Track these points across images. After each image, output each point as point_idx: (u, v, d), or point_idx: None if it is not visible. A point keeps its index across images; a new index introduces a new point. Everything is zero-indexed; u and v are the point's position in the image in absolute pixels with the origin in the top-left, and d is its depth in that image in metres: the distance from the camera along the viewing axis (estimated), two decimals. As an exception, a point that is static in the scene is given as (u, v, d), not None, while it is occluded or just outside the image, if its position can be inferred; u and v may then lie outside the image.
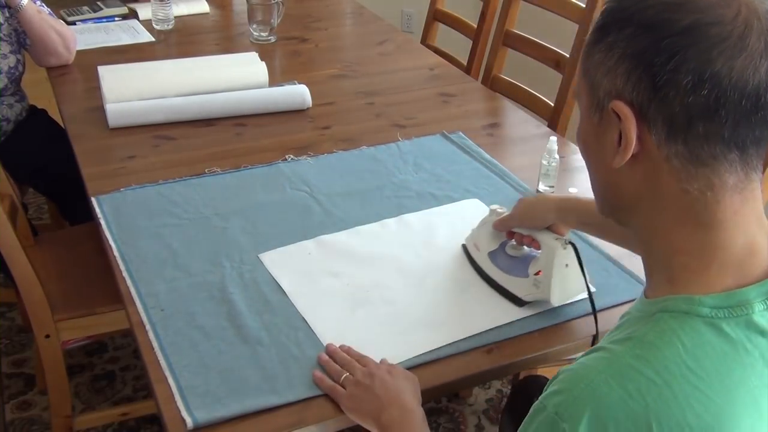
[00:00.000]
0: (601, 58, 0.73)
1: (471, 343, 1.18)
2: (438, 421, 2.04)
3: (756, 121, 0.69)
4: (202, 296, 1.26)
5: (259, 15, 2.30)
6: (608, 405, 0.68)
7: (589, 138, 0.78)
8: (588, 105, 0.76)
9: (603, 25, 0.73)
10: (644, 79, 0.69)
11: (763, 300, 0.71)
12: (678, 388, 0.67)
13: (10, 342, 2.26)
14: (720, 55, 0.66)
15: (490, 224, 1.31)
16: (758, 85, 0.67)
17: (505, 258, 1.30)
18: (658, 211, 0.74)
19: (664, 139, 0.70)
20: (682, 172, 0.71)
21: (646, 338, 0.71)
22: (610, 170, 0.75)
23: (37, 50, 2.07)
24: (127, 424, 1.98)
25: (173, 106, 1.83)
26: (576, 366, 0.73)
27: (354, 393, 1.06)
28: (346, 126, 1.85)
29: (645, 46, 0.69)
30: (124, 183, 1.56)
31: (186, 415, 1.04)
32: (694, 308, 0.70)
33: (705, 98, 0.67)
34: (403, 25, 3.91)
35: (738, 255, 0.72)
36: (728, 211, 0.71)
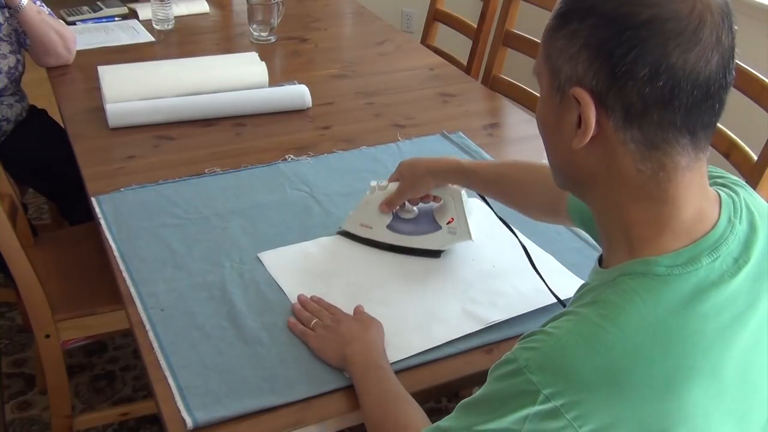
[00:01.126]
0: (563, 45, 0.76)
1: (471, 343, 1.18)
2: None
3: (705, 108, 0.74)
4: (202, 296, 1.26)
5: (259, 15, 2.30)
6: (575, 361, 0.73)
7: (549, 118, 0.82)
8: (549, 87, 0.80)
9: (565, 12, 0.76)
10: (604, 69, 0.73)
11: (708, 254, 0.76)
12: (640, 341, 0.72)
13: (10, 342, 2.26)
14: (675, 48, 0.71)
15: (375, 202, 1.35)
16: (709, 76, 0.72)
17: (404, 223, 1.36)
18: (614, 188, 0.79)
19: (621, 125, 0.74)
20: (637, 154, 0.76)
21: (609, 299, 0.76)
22: (569, 149, 0.79)
23: (36, 50, 2.07)
24: (127, 424, 1.98)
25: (173, 106, 1.83)
26: (547, 328, 0.78)
27: (321, 334, 1.15)
28: (346, 126, 1.85)
29: (606, 37, 0.72)
30: (124, 183, 1.56)
31: (186, 415, 1.04)
32: (651, 268, 0.76)
33: (660, 89, 0.72)
34: (403, 25, 3.91)
35: (688, 222, 0.78)
36: (680, 187, 0.77)
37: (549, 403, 0.72)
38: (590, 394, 0.71)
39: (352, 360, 1.09)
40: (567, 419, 0.71)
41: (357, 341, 1.12)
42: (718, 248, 0.77)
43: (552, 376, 0.73)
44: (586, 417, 0.71)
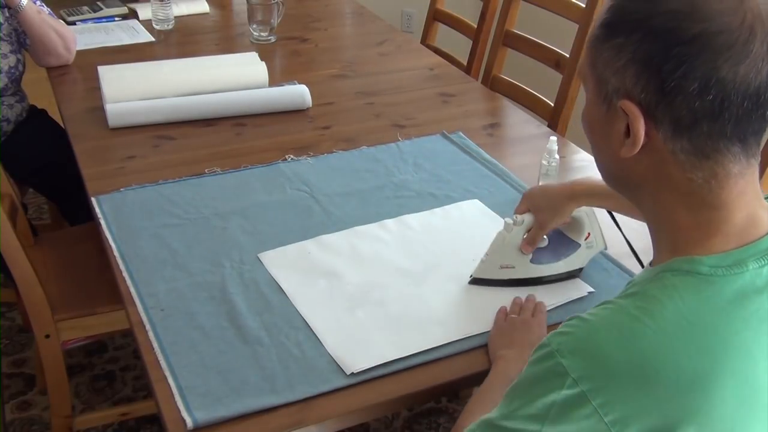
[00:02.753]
0: (609, 57, 0.76)
1: (471, 343, 1.18)
2: (438, 421, 2.04)
3: (756, 117, 0.73)
4: (202, 296, 1.26)
5: (259, 15, 2.30)
6: (606, 348, 0.73)
7: (596, 124, 0.81)
8: (595, 95, 0.79)
9: (611, 23, 0.76)
10: (652, 83, 0.73)
11: (757, 259, 0.76)
12: (674, 336, 0.72)
13: (10, 342, 2.26)
14: (726, 63, 0.70)
15: (514, 241, 1.28)
16: (759, 86, 0.71)
17: (543, 253, 1.31)
18: (663, 194, 0.78)
19: (670, 136, 0.74)
20: (686, 164, 0.75)
21: (649, 293, 0.76)
22: (617, 155, 0.79)
23: (37, 50, 2.07)
24: (127, 424, 1.98)
25: (173, 106, 1.83)
26: (583, 315, 0.78)
27: (503, 326, 1.19)
28: (346, 126, 1.85)
29: (654, 52, 0.72)
30: (124, 183, 1.56)
31: (186, 415, 1.04)
32: (695, 267, 0.75)
33: (710, 102, 0.71)
34: (403, 25, 3.91)
35: (739, 226, 0.77)
36: (732, 194, 0.76)
37: (576, 388, 0.72)
38: (617, 383, 0.71)
39: (497, 362, 1.12)
40: (593, 406, 0.71)
41: (515, 349, 1.12)
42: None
43: (581, 361, 0.73)
44: (611, 405, 0.71)
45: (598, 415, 0.71)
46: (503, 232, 1.29)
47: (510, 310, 1.22)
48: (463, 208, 1.51)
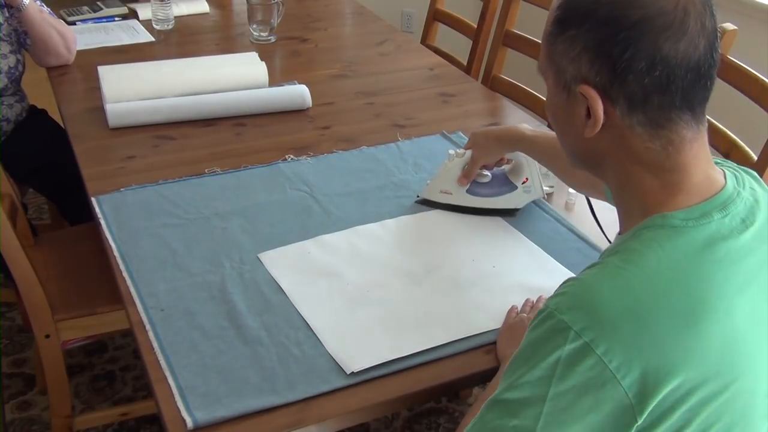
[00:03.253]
0: (564, 48, 0.84)
1: (471, 343, 1.18)
2: (438, 421, 2.04)
3: (699, 87, 0.82)
4: (202, 296, 1.26)
5: (259, 15, 2.30)
6: (602, 299, 0.78)
7: (559, 111, 0.89)
8: (555, 85, 0.88)
9: (563, 19, 0.84)
10: (605, 67, 0.81)
11: (719, 210, 0.84)
12: (659, 281, 0.79)
13: (10, 342, 2.26)
14: (666, 41, 0.79)
15: (454, 170, 1.46)
16: (699, 59, 0.80)
17: (481, 187, 1.47)
18: (626, 164, 0.86)
19: (627, 112, 0.82)
20: (644, 135, 0.83)
21: (630, 247, 0.83)
22: (581, 137, 0.87)
23: (37, 50, 2.07)
24: (127, 424, 1.98)
25: (173, 106, 1.83)
26: (574, 276, 0.85)
27: (511, 325, 1.19)
28: (346, 126, 1.85)
29: (603, 39, 0.81)
30: (124, 183, 1.56)
31: (186, 415, 1.04)
32: (667, 221, 0.83)
33: (658, 78, 0.80)
34: (403, 25, 3.91)
35: (699, 185, 0.85)
36: (689, 157, 0.84)
37: (579, 340, 0.76)
38: (617, 329, 0.76)
39: (505, 362, 1.11)
40: (597, 355, 0.75)
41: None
42: (727, 207, 0.84)
43: (580, 313, 0.77)
44: (614, 351, 0.75)
45: (602, 363, 0.75)
46: (446, 161, 1.47)
47: (521, 310, 1.23)
48: None
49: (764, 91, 1.61)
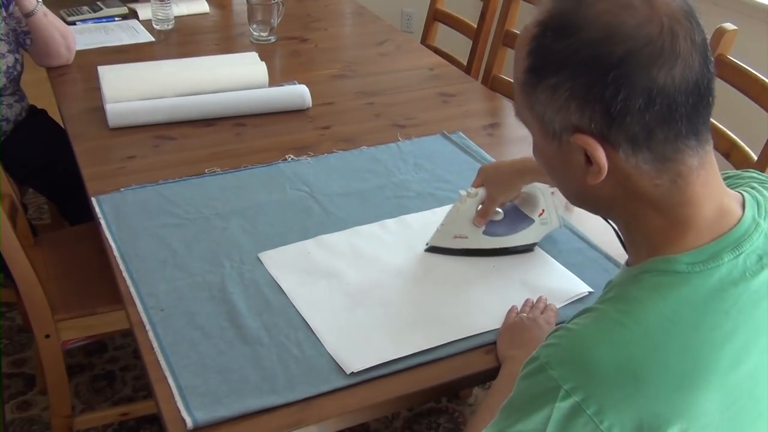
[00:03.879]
0: (546, 98, 0.76)
1: (471, 343, 1.18)
2: (438, 421, 2.04)
3: (702, 107, 0.75)
4: (202, 296, 1.26)
5: (259, 15, 2.30)
6: (595, 355, 0.73)
7: (553, 160, 0.82)
8: (542, 135, 0.80)
9: (537, 67, 0.76)
10: (599, 111, 0.73)
11: (731, 250, 0.77)
12: (658, 337, 0.73)
13: (10, 342, 2.26)
14: (660, 70, 0.71)
15: (468, 212, 1.34)
16: (697, 80, 0.73)
17: (497, 226, 1.37)
18: (634, 204, 0.79)
19: (631, 153, 0.75)
20: (651, 172, 0.76)
21: (629, 294, 0.77)
22: (582, 184, 0.79)
23: (38, 51, 2.07)
24: (127, 424, 1.98)
25: (173, 106, 1.83)
26: (568, 324, 0.80)
27: (512, 325, 1.18)
28: (346, 126, 1.85)
29: (591, 83, 0.73)
30: (124, 183, 1.56)
31: (186, 415, 1.04)
32: (672, 266, 0.77)
33: (659, 111, 0.72)
34: (403, 25, 3.91)
35: (710, 219, 0.78)
36: (698, 187, 0.77)
37: (570, 399, 0.72)
38: (608, 388, 0.72)
39: (506, 363, 1.11)
40: (588, 415, 0.71)
41: (524, 349, 1.07)
42: (742, 245, 0.77)
43: (571, 370, 0.73)
44: (605, 411, 0.71)
45: (593, 423, 0.71)
46: (457, 203, 1.35)
47: (521, 310, 1.22)
48: None
49: (764, 91, 1.61)
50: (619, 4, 0.72)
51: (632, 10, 0.72)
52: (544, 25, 0.76)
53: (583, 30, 0.72)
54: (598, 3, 0.73)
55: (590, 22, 0.72)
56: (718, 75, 1.74)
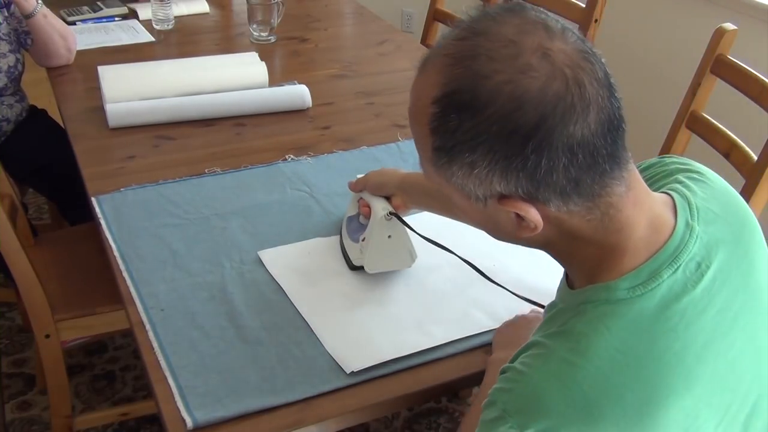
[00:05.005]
0: (465, 173, 0.74)
1: (471, 343, 1.18)
2: (438, 421, 2.04)
3: (619, 137, 0.73)
4: (202, 296, 1.26)
5: (259, 15, 2.30)
6: (549, 400, 0.73)
7: (480, 218, 0.80)
8: (464, 200, 0.78)
9: (447, 147, 0.73)
10: (523, 178, 0.72)
11: (668, 265, 0.76)
12: (610, 371, 0.72)
13: (10, 342, 2.26)
14: (576, 124, 0.70)
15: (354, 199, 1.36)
16: (610, 116, 0.72)
17: (355, 223, 1.35)
18: (568, 242, 0.78)
19: (561, 203, 0.74)
20: (583, 211, 0.75)
21: (576, 329, 0.76)
22: (514, 236, 0.79)
23: (39, 52, 2.07)
24: (127, 424, 1.98)
25: (173, 106, 1.83)
26: (518, 364, 0.78)
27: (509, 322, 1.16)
28: (346, 126, 1.85)
29: (510, 155, 0.71)
30: (124, 183, 1.56)
31: (186, 415, 1.04)
32: (612, 294, 0.76)
33: (583, 161, 0.71)
34: (403, 25, 3.91)
35: (644, 237, 0.77)
36: (629, 209, 0.76)
37: None
38: (568, 428, 0.72)
39: (489, 369, 1.08)
40: None
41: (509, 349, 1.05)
42: (678, 257, 0.77)
43: (529, 418, 0.72)
44: None
45: None
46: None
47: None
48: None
49: (764, 91, 1.61)
50: (517, 70, 0.69)
51: (532, 72, 0.69)
52: (443, 103, 0.72)
53: (490, 105, 0.70)
54: (495, 74, 0.70)
55: (494, 96, 0.69)
56: (718, 75, 1.74)
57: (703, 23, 2.26)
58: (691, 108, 1.78)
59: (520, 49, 0.70)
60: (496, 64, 0.70)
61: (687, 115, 1.79)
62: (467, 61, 0.71)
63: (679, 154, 1.82)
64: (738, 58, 1.70)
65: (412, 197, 1.27)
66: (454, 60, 0.73)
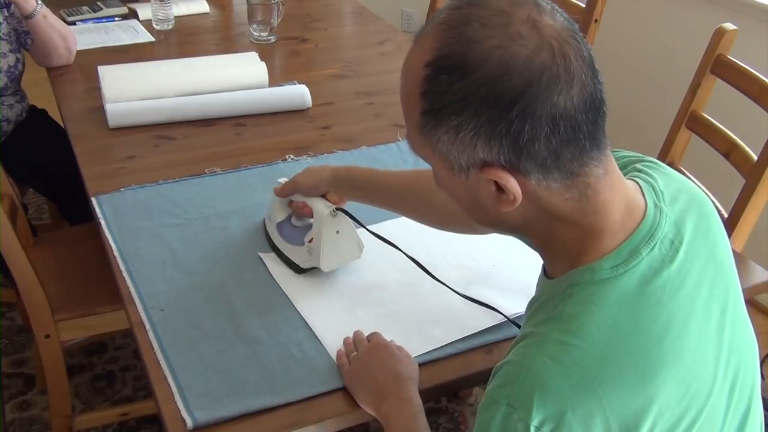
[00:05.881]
0: (450, 138, 0.76)
1: (471, 343, 1.18)
2: (438, 421, 2.04)
3: (600, 119, 0.76)
4: (202, 296, 1.26)
5: (259, 15, 2.30)
6: (551, 383, 0.74)
7: (460, 192, 0.82)
8: (447, 170, 0.80)
9: (435, 110, 0.76)
10: (506, 144, 0.74)
11: (646, 243, 0.80)
12: (606, 346, 0.75)
13: (10, 342, 2.26)
14: (560, 95, 0.72)
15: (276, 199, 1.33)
16: (593, 95, 0.75)
17: (289, 228, 1.34)
18: (546, 222, 0.81)
19: (541, 177, 0.76)
20: (562, 189, 0.77)
21: (565, 312, 0.78)
22: (493, 212, 0.80)
23: (39, 52, 2.07)
24: (127, 424, 1.98)
25: (173, 106, 1.83)
26: (512, 357, 0.80)
27: (353, 374, 1.09)
28: (346, 126, 1.85)
29: (495, 120, 0.73)
30: (124, 183, 1.56)
31: (186, 415, 1.04)
32: (596, 275, 0.79)
33: (564, 133, 0.74)
34: (403, 25, 3.91)
35: (620, 220, 0.80)
36: (606, 193, 0.79)
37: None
38: (573, 409, 0.73)
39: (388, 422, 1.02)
40: None
41: (394, 398, 1.04)
42: (654, 235, 0.80)
43: (536, 406, 0.73)
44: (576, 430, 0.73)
45: None
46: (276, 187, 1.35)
47: (347, 352, 1.14)
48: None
49: (764, 91, 1.61)
50: (507, 37, 0.72)
51: (521, 40, 0.72)
52: (435, 66, 0.75)
53: (479, 68, 0.72)
54: (486, 39, 0.72)
55: (484, 59, 0.72)
56: (718, 75, 1.74)
57: (703, 23, 2.26)
58: (691, 108, 1.78)
59: (511, 19, 0.73)
60: (488, 30, 0.73)
61: (687, 115, 1.79)
62: (460, 27, 0.74)
63: (679, 154, 1.83)
64: (738, 58, 1.70)
65: (346, 191, 1.29)
66: (447, 26, 0.75)
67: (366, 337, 1.15)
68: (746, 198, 1.58)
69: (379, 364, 1.08)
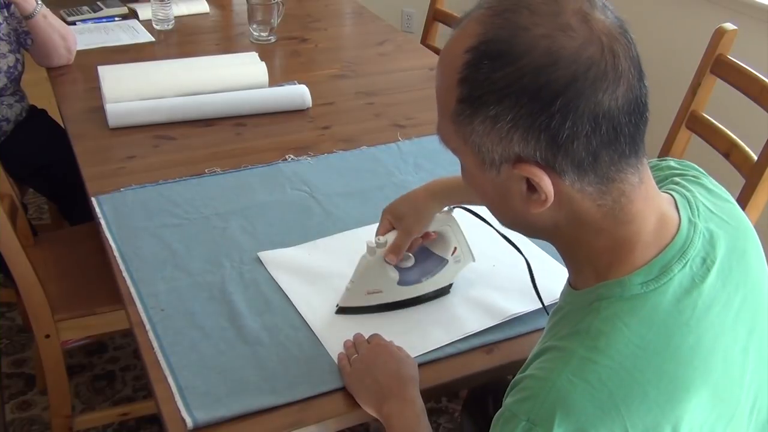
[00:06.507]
0: (486, 129, 0.73)
1: (471, 343, 1.18)
2: (438, 421, 2.04)
3: (641, 123, 0.74)
4: (202, 296, 1.26)
5: (259, 15, 2.30)
6: (575, 401, 0.71)
7: (490, 189, 0.79)
8: (478, 165, 0.77)
9: (474, 97, 0.72)
10: (544, 140, 0.71)
11: (678, 260, 0.77)
12: (632, 367, 0.72)
13: (10, 342, 2.26)
14: (605, 93, 0.70)
15: (377, 262, 1.20)
16: (637, 97, 0.72)
17: (411, 273, 1.24)
18: (576, 228, 0.78)
19: (576, 178, 0.73)
20: (595, 194, 0.75)
21: (592, 328, 0.75)
22: (523, 212, 0.77)
23: (39, 52, 2.08)
24: (127, 424, 1.98)
25: (173, 106, 1.83)
26: (535, 371, 0.76)
27: (354, 376, 1.08)
28: (346, 126, 1.85)
29: (536, 112, 0.70)
30: (124, 183, 1.56)
31: (186, 415, 1.04)
32: (626, 291, 0.76)
33: (605, 134, 0.71)
34: (403, 25, 3.91)
35: (654, 232, 0.78)
36: (640, 203, 0.76)
37: None
38: (597, 429, 0.71)
39: (390, 423, 1.01)
40: None
41: (396, 399, 1.03)
42: (686, 252, 0.77)
43: (557, 424, 0.71)
44: None
45: None
46: (366, 255, 1.20)
47: (348, 354, 1.12)
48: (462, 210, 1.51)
49: (764, 91, 1.61)
50: (556, 27, 0.69)
51: (571, 31, 0.69)
52: (478, 51, 0.72)
53: (524, 56, 0.69)
54: (534, 27, 0.69)
55: (530, 48, 0.69)
56: (718, 75, 1.74)
57: (703, 23, 2.26)
58: (691, 108, 1.78)
59: (562, 8, 0.71)
60: (537, 17, 0.70)
61: (687, 115, 1.79)
62: (507, 13, 0.71)
63: (679, 154, 1.83)
64: (738, 58, 1.70)
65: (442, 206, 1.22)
66: (494, 12, 0.72)
67: (366, 339, 1.15)
68: (746, 198, 1.58)
69: (380, 365, 1.08)
